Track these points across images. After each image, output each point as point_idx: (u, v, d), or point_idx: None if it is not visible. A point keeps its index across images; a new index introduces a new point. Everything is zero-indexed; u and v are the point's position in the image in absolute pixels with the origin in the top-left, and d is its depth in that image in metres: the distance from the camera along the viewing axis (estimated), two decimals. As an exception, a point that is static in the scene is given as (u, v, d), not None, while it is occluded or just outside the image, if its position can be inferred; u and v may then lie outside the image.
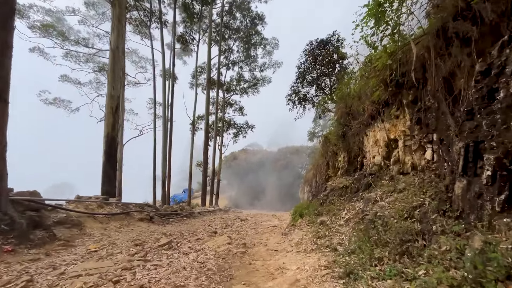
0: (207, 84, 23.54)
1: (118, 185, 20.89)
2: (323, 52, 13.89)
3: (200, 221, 12.22)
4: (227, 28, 26.28)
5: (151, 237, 6.03)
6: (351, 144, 8.81)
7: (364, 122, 7.67)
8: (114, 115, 9.76)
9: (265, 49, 26.34)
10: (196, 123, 25.36)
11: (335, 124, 9.79)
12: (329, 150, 10.68)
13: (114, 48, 9.88)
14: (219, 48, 24.81)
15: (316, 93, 14.63)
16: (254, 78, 27.11)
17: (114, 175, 9.75)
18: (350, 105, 9.19)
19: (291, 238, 5.73)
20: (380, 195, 4.56)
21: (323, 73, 14.30)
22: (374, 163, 6.42)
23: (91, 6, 22.00)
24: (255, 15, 25.35)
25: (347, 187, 7.99)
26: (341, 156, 9.65)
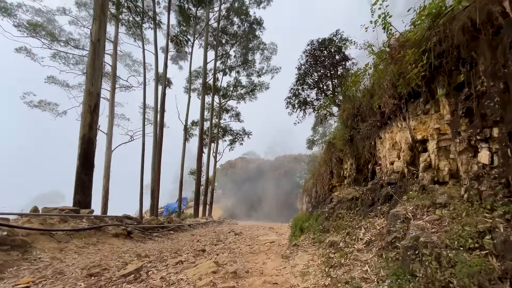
0: (202, 89, 22.62)
1: (104, 194, 19.54)
2: (324, 53, 13.06)
3: (189, 235, 10.92)
4: (224, 33, 25.65)
5: (118, 260, 4.81)
6: (360, 149, 7.77)
7: (377, 123, 6.65)
8: (92, 114, 8.63)
9: (263, 54, 25.68)
10: (191, 129, 24.27)
11: (340, 128, 8.77)
12: (333, 156, 9.61)
13: (95, 40, 8.87)
14: (216, 52, 24.07)
15: (317, 97, 13.70)
16: (251, 84, 26.29)
17: (89, 182, 8.52)
18: (359, 105, 8.20)
19: (294, 263, 4.58)
20: (412, 211, 3.48)
21: (325, 76, 13.42)
22: (392, 170, 5.35)
23: (83, 7, 21.22)
24: (253, 19, 24.81)
25: (357, 199, 6.88)
26: (348, 163, 8.58)
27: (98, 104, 8.95)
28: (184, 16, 20.95)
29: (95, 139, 8.85)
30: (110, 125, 20.13)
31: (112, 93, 20.50)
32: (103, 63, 9.48)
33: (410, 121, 4.49)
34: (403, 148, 4.87)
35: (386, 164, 5.81)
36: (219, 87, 25.46)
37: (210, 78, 23.66)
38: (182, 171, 17.68)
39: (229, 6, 24.97)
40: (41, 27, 20.18)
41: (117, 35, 21.11)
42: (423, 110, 4.21)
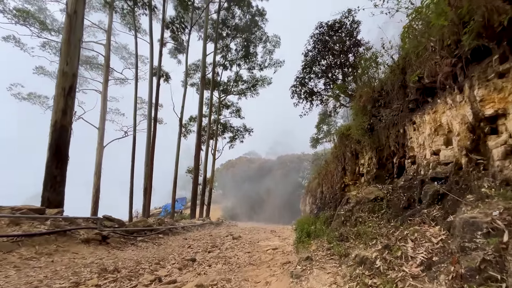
0: (201, 82, 21.38)
1: (94, 193, 18.30)
2: (334, 38, 11.78)
3: (181, 239, 9.64)
4: (225, 25, 24.43)
5: (69, 279, 3.54)
6: (383, 140, 6.46)
7: (408, 105, 5.35)
8: (66, 98, 7.40)
9: (266, 47, 24.42)
10: (188, 125, 23.04)
11: (357, 116, 7.48)
12: (347, 150, 8.31)
13: (71, 12, 7.64)
14: (215, 45, 22.83)
15: (325, 87, 12.41)
16: (253, 78, 25.02)
17: (61, 177, 7.28)
18: (380, 88, 6.91)
19: (308, 286, 3.32)
20: (502, 218, 2.21)
21: (334, 64, 12.13)
22: (437, 161, 4.07)
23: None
24: (255, 11, 23.59)
25: (381, 199, 5.57)
26: (366, 157, 7.28)
27: (74, 87, 7.71)
28: (182, 4, 19.77)
29: (70, 127, 7.61)
30: (102, 120, 18.93)
31: (104, 85, 19.32)
32: (81, 40, 8.25)
33: (474, 90, 3.21)
34: (457, 131, 3.58)
35: (425, 154, 4.52)
36: (219, 82, 24.23)
37: (209, 72, 22.44)
38: (176, 168, 16.42)
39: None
40: (31, 15, 19.04)
41: (111, 24, 19.96)
42: (498, 71, 2.93)
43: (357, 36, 11.27)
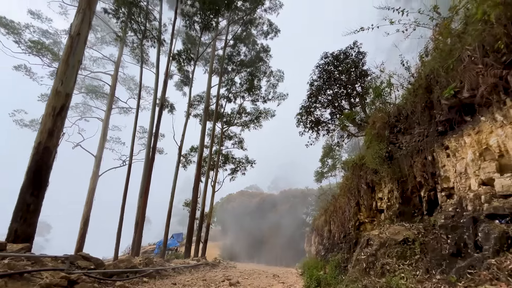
0: (204, 113, 21.32)
1: (82, 226, 16.91)
2: (340, 69, 11.66)
3: (170, 284, 8.22)
4: (230, 60, 25.33)
5: None
6: (406, 169, 5.62)
7: (437, 128, 4.64)
8: (55, 118, 6.85)
9: (270, 81, 24.92)
10: (189, 155, 22.39)
11: (370, 143, 6.75)
12: (362, 182, 7.41)
13: (74, 34, 7.53)
14: (220, 78, 23.34)
15: (332, 117, 11.95)
16: (256, 111, 25.06)
17: (36, 206, 6.36)
18: (397, 112, 6.30)
19: None
20: None
21: (340, 94, 11.85)
22: (491, 193, 3.21)
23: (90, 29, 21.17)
24: (260, 48, 24.60)
25: (413, 242, 4.55)
26: (385, 190, 6.36)
27: (67, 107, 7.23)
28: (190, 39, 20.65)
29: (55, 150, 6.93)
30: (101, 147, 18.40)
31: (107, 113, 19.22)
32: (80, 61, 8.02)
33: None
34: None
35: (469, 185, 3.67)
36: (222, 113, 24.22)
37: (213, 103, 22.55)
38: (171, 199, 15.25)
39: (236, 36, 25.03)
40: (44, 47, 19.86)
41: (120, 56, 20.66)
42: None
43: (363, 67, 11.12)
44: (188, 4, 17.41)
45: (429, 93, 4.65)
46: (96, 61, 22.35)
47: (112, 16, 16.53)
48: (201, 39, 19.57)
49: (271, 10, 24.08)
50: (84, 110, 21.82)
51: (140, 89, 15.03)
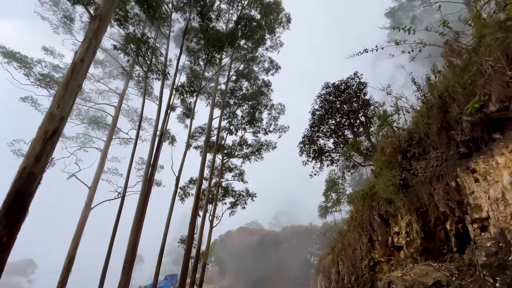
0: (204, 145, 21.09)
1: (66, 266, 15.45)
2: (341, 99, 11.66)
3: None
4: (232, 94, 26.03)
5: None
6: (425, 198, 5.03)
7: (459, 150, 4.19)
8: (45, 142, 6.48)
9: (271, 114, 25.23)
10: (187, 188, 21.59)
11: (380, 170, 6.24)
12: (374, 214, 6.69)
13: (77, 60, 7.58)
14: (221, 111, 23.69)
15: (335, 147, 11.59)
16: (258, 143, 24.91)
17: (10, 238, 5.64)
18: (408, 136, 5.90)
19: None
20: None
21: (343, 124, 11.67)
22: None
23: (99, 64, 22.18)
24: (262, 82, 25.44)
25: (446, 286, 3.78)
26: (402, 223, 5.65)
27: (59, 131, 6.91)
28: (194, 73, 21.42)
29: (40, 176, 6.43)
30: (97, 178, 17.80)
31: (107, 143, 19.03)
32: (80, 86, 7.95)
33: None
34: None
35: (510, 213, 3.10)
36: (223, 145, 24.04)
37: (214, 135, 22.49)
38: (165, 236, 14.08)
39: (239, 72, 26.12)
40: (54, 81, 20.56)
41: (126, 89, 21.23)
42: None
43: (365, 96, 11.10)
44: (194, 41, 18.42)
45: (445, 112, 4.31)
46: (102, 93, 22.96)
47: (121, 52, 17.33)
48: (204, 73, 20.30)
49: (272, 48, 25.48)
50: (84, 140, 21.72)
51: (140, 120, 15.00)
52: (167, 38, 20.11)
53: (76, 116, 21.33)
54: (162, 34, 21.85)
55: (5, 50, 18.49)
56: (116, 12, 14.78)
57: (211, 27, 18.72)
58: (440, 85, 4.26)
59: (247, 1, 22.54)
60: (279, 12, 23.20)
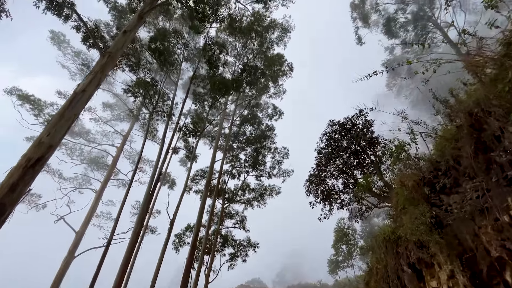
0: (205, 188, 20.12)
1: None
2: (347, 138, 11.24)
3: None
4: (236, 138, 26.13)
5: None
6: (469, 239, 4.04)
7: (506, 174, 3.44)
8: (25, 171, 5.87)
9: (274, 157, 24.76)
10: (183, 235, 19.80)
11: (403, 208, 5.31)
12: (401, 263, 5.47)
13: (78, 91, 7.51)
14: (224, 154, 23.39)
15: (344, 188, 10.67)
16: (261, 187, 23.81)
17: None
18: (432, 167, 5.16)
19: None
20: None
21: (351, 164, 11.00)
22: None
23: (108, 108, 22.93)
24: (265, 127, 25.70)
25: None
26: (442, 274, 4.49)
27: (45, 160, 6.35)
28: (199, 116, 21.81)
29: (12, 208, 5.64)
30: (86, 223, 16.49)
31: (103, 185, 18.25)
32: (77, 115, 7.70)
33: None
34: None
35: None
36: (224, 189, 22.97)
37: (215, 177, 21.68)
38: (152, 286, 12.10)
39: (242, 118, 26.76)
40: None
41: (131, 130, 21.43)
42: None
43: (373, 135, 10.66)
44: (200, 86, 19.26)
45: (478, 131, 3.70)
46: (107, 135, 23.18)
47: (130, 94, 17.95)
48: (208, 116, 20.69)
49: (275, 95, 26.57)
50: (82, 182, 21.02)
51: (139, 159, 14.49)
52: (175, 84, 21.20)
53: (78, 157, 21.08)
54: (171, 81, 23.20)
55: (21, 93, 19.40)
56: (129, 58, 15.84)
57: (217, 74, 19.83)
58: (468, 101, 3.77)
59: (252, 55, 24.42)
60: (282, 64, 24.81)
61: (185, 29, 23.29)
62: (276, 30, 24.91)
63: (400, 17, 22.67)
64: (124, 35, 9.60)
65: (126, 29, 9.74)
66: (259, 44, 24.23)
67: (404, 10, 23.14)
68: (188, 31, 24.31)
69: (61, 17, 11.20)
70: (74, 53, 22.00)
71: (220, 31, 24.42)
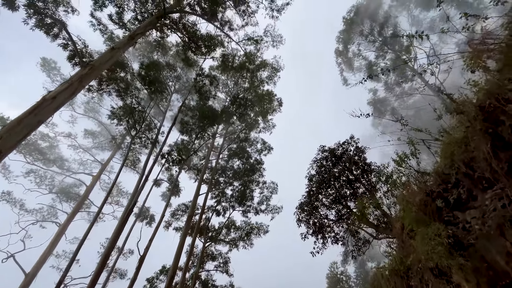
0: (186, 223, 18.32)
1: None
2: (339, 167, 10.71)
3: None
4: (223, 172, 25.13)
5: None
6: (503, 261, 3.24)
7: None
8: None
9: (263, 193, 23.55)
10: (156, 281, 17.19)
11: (411, 227, 4.50)
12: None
13: (48, 97, 6.81)
14: (209, 186, 22.11)
15: (337, 219, 9.72)
16: (247, 225, 22.04)
17: None
18: (440, 180, 4.53)
19: None
20: None
21: (343, 195, 10.27)
22: None
23: (90, 135, 21.93)
24: (254, 161, 25.05)
25: None
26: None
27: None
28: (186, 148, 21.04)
29: None
30: (40, 262, 14.05)
31: (70, 217, 16.22)
32: (41, 122, 6.82)
33: None
34: None
35: None
36: (207, 226, 21.06)
37: (198, 212, 20.00)
38: None
39: (231, 153, 26.21)
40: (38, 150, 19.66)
41: (111, 159, 20.17)
42: None
43: (365, 161, 10.19)
44: (189, 115, 18.96)
45: (494, 124, 3.23)
46: (85, 164, 21.69)
47: (115, 119, 17.24)
48: (194, 146, 20.01)
49: (265, 129, 26.58)
50: (46, 214, 18.72)
51: (112, 186, 13.02)
52: (164, 114, 20.88)
53: (47, 186, 19.16)
54: (160, 111, 22.94)
55: None
56: (117, 83, 15.60)
57: (207, 105, 19.81)
58: (478, 93, 3.37)
59: (243, 94, 24.99)
60: (271, 99, 25.40)
61: (179, 65, 24.05)
62: (267, 70, 26.05)
63: (381, 63, 24.45)
64: (112, 51, 9.38)
65: (114, 46, 9.58)
66: (250, 82, 25.02)
67: (384, 56, 25.12)
68: (182, 66, 25.08)
69: (50, 35, 11.06)
70: (63, 80, 21.82)
71: (213, 69, 25.31)
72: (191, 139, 19.27)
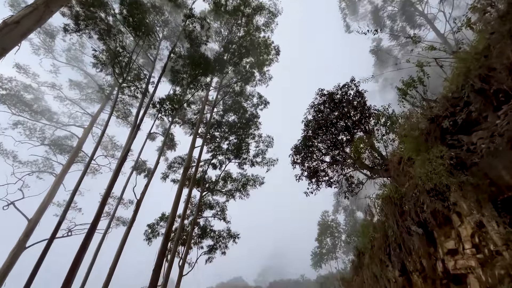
0: (182, 174, 18.56)
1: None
2: (337, 113, 10.29)
3: None
4: (219, 127, 24.71)
5: None
6: (508, 176, 3.08)
7: None
8: None
9: (259, 146, 23.61)
10: (157, 226, 18.13)
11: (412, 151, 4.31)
12: (405, 227, 4.46)
13: (10, 22, 5.93)
14: (203, 140, 21.90)
15: (332, 164, 9.70)
16: (243, 176, 22.56)
17: None
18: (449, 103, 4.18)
19: None
20: None
21: (340, 142, 10.06)
22: None
23: (76, 86, 20.77)
24: (250, 115, 24.51)
25: None
26: (466, 229, 3.54)
27: None
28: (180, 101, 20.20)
29: None
30: (41, 210, 14.45)
31: (65, 168, 16.22)
32: (5, 52, 6.07)
33: None
34: None
35: None
36: (204, 178, 21.50)
37: (194, 164, 20.18)
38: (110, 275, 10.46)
39: (226, 107, 25.38)
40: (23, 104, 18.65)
41: (100, 111, 19.46)
42: None
43: (365, 106, 9.78)
44: (180, 63, 17.73)
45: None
46: (75, 117, 20.99)
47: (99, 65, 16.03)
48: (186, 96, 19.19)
49: (261, 82, 25.42)
50: (42, 166, 18.70)
51: (101, 136, 12.56)
52: (153, 62, 19.48)
53: (38, 138, 18.75)
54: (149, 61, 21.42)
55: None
56: (96, 23, 14.00)
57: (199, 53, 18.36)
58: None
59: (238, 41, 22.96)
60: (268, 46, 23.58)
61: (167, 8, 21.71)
62: (263, 15, 23.73)
63: (388, 6, 22.35)
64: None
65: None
66: (245, 30, 22.88)
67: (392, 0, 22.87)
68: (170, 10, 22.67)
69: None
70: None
71: (204, 14, 22.91)
72: (183, 90, 18.35)
